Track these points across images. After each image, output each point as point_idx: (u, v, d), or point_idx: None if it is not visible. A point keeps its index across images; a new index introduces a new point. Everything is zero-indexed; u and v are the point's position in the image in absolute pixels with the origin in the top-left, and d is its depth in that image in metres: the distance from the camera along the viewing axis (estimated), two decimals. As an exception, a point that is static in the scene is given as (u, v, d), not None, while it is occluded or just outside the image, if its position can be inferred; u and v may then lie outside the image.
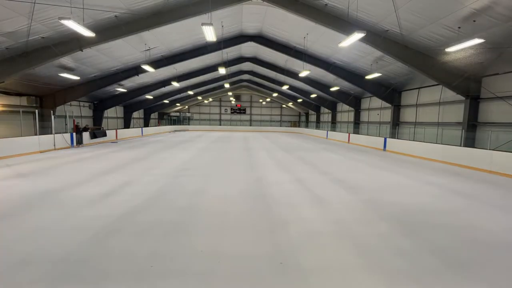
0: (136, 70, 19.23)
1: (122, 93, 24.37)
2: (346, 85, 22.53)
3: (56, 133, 14.57)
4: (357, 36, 9.11)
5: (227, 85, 28.23)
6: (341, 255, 3.60)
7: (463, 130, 13.32)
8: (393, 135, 18.88)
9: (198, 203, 5.65)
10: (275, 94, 36.03)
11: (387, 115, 21.45)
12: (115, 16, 11.48)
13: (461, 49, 10.47)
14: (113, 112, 28.61)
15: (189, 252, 3.57)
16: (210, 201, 5.83)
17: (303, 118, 46.54)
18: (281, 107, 48.26)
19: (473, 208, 5.89)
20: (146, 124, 35.62)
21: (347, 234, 4.27)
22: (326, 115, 35.44)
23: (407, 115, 19.22)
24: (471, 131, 13.25)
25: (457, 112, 14.68)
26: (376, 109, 23.37)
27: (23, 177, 7.83)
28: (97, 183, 7.30)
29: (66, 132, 16.05)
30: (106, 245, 3.73)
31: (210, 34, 9.84)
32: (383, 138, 17.94)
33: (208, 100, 44.35)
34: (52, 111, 15.16)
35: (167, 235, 4.08)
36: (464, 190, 7.39)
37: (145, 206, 5.39)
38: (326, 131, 29.32)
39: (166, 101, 33.74)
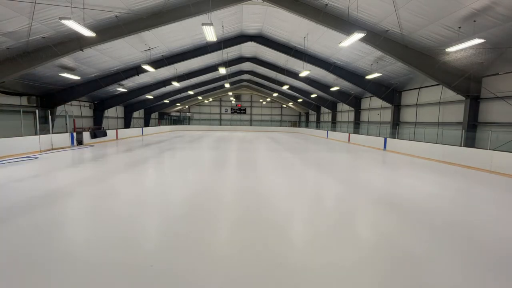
0: (136, 70, 19.27)
1: (122, 93, 24.41)
2: (346, 85, 22.55)
3: (54, 133, 14.59)
4: (357, 36, 9.11)
5: (227, 85, 28.28)
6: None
7: (463, 130, 13.32)
8: (393, 135, 18.88)
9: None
10: (275, 94, 36.05)
11: (387, 115, 21.45)
12: (116, 16, 11.50)
13: (462, 49, 10.49)
14: (114, 112, 28.65)
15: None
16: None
17: (303, 118, 46.55)
18: (281, 107, 48.27)
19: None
20: (147, 124, 35.69)
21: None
22: (326, 115, 35.46)
23: (407, 115, 19.23)
24: (471, 131, 13.26)
25: (457, 112, 14.68)
26: (376, 109, 23.38)
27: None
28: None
29: (65, 132, 16.07)
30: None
31: (210, 34, 9.86)
32: (383, 138, 17.95)
33: (208, 100, 44.37)
34: (50, 111, 15.16)
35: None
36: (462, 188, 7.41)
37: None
38: (326, 131, 29.33)
39: (166, 101, 33.78)
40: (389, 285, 2.96)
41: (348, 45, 11.16)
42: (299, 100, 36.10)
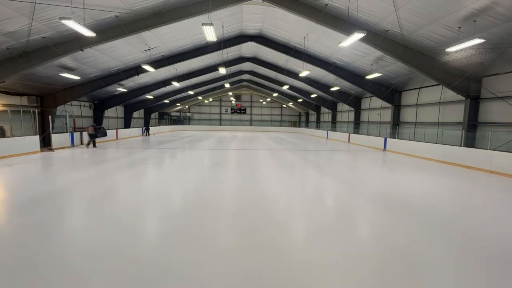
0: (136, 70, 19.24)
1: (122, 93, 24.38)
2: (346, 85, 22.54)
3: (54, 132, 14.60)
4: (357, 36, 9.10)
5: (227, 85, 28.29)
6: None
7: (463, 130, 13.31)
8: (393, 135, 18.88)
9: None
10: (275, 94, 36.04)
11: (387, 115, 21.44)
12: (116, 16, 11.49)
13: (462, 49, 10.48)
14: (114, 112, 28.63)
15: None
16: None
17: (303, 118, 46.53)
18: (281, 107, 48.25)
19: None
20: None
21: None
22: (326, 115, 35.44)
23: (407, 115, 19.22)
24: (471, 131, 13.25)
25: (457, 112, 14.67)
26: (376, 109, 23.37)
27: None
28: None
29: (65, 132, 16.08)
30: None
31: (210, 34, 9.85)
32: (383, 138, 17.95)
33: (209, 100, 44.35)
34: (50, 111, 15.12)
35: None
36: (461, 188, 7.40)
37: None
38: (326, 131, 29.35)
39: (166, 101, 33.76)
40: (387, 281, 2.96)
41: (348, 45, 11.16)
42: (299, 100, 36.07)
